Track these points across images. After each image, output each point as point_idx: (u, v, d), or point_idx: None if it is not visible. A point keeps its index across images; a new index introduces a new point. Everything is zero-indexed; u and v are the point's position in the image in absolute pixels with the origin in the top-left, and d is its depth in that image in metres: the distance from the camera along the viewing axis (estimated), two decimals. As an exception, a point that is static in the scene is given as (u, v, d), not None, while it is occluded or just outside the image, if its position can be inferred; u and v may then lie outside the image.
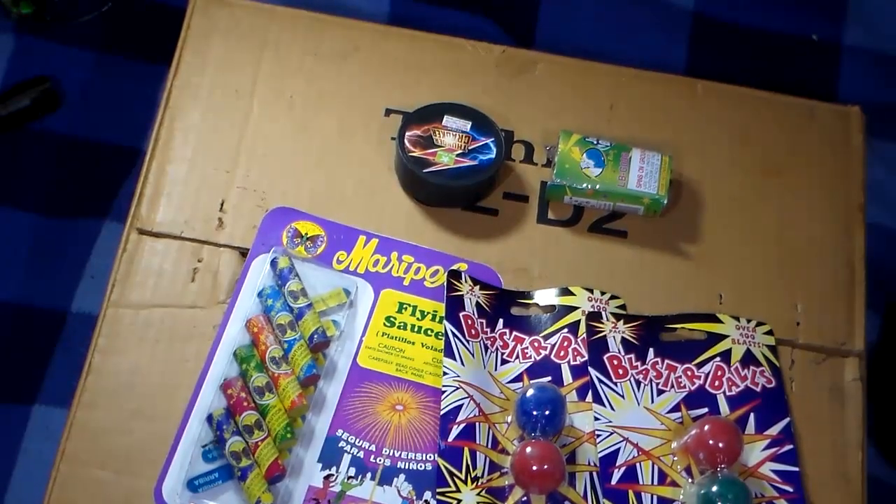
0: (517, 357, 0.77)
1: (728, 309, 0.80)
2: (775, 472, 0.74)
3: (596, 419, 0.74)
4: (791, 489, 0.73)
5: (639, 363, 0.76)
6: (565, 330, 0.78)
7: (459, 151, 0.80)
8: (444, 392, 0.74)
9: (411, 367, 0.76)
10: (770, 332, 0.79)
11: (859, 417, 0.77)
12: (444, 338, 0.75)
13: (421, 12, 1.12)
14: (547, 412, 0.72)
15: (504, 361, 0.77)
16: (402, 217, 0.82)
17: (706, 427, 0.73)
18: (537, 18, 1.12)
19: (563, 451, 0.73)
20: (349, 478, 0.72)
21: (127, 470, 0.73)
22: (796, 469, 0.74)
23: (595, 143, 0.82)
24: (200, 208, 0.81)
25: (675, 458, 0.73)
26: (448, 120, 0.81)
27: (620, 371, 0.76)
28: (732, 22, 1.33)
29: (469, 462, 0.72)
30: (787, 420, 0.75)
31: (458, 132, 0.81)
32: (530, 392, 0.73)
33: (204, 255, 0.80)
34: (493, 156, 0.81)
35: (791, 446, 0.75)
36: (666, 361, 0.77)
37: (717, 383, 0.76)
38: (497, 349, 0.77)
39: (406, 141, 0.81)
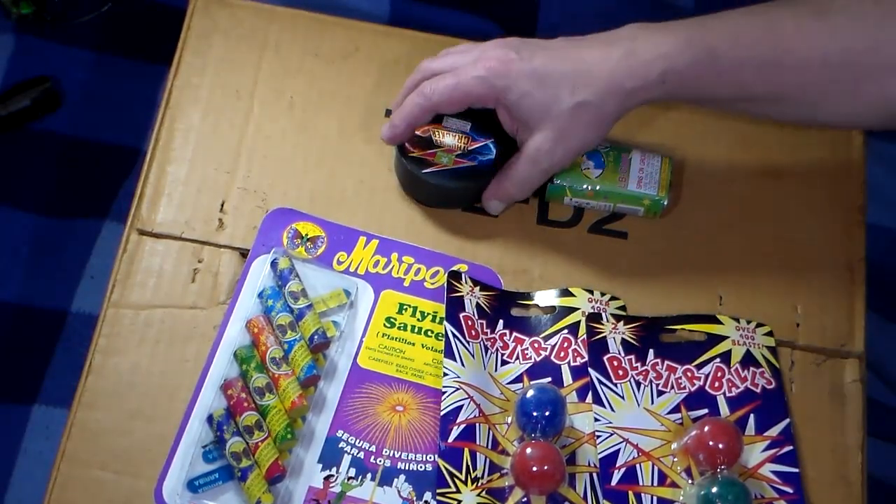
0: (517, 358, 0.77)
1: (728, 310, 0.80)
2: (775, 473, 0.74)
3: (596, 420, 0.74)
4: (791, 490, 0.73)
5: (639, 364, 0.76)
6: (565, 331, 0.78)
7: (459, 152, 0.80)
8: (445, 393, 0.74)
9: (411, 368, 0.76)
10: (770, 334, 0.79)
11: (859, 419, 0.77)
12: (444, 339, 0.75)
13: (421, 12, 1.12)
14: (547, 413, 0.72)
15: (504, 362, 0.77)
16: (403, 218, 0.82)
17: (706, 428, 0.73)
18: (537, 19, 1.12)
19: (563, 451, 0.73)
20: (349, 478, 0.73)
21: (127, 470, 0.73)
22: (796, 470, 0.74)
23: (595, 143, 0.82)
24: (201, 209, 0.81)
25: (675, 459, 0.73)
26: (447, 121, 0.81)
27: (620, 372, 0.76)
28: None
29: (469, 463, 0.72)
30: (787, 421, 0.75)
31: (457, 133, 0.81)
32: (530, 393, 0.73)
33: (204, 255, 0.80)
34: (492, 156, 0.80)
35: (791, 447, 0.74)
36: (666, 362, 0.77)
37: (716, 384, 0.76)
38: (497, 350, 0.77)
39: (405, 141, 0.80)
